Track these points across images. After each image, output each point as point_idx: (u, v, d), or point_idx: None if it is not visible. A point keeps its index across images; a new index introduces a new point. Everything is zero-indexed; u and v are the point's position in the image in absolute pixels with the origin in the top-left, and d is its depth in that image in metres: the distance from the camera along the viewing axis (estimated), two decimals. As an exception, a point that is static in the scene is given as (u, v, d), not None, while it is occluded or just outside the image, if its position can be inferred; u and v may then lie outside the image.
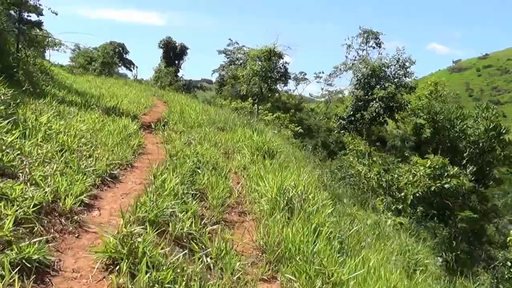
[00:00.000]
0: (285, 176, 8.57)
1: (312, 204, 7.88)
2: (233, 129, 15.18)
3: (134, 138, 10.79)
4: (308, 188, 8.44)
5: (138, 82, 44.73)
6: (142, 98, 21.78)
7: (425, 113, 32.12)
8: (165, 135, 12.34)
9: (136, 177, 8.26)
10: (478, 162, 28.05)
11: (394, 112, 34.72)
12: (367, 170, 22.23)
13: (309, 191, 8.39)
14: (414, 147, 33.64)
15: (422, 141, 33.01)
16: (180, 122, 15.01)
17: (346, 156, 26.86)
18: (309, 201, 7.96)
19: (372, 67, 36.09)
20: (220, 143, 12.83)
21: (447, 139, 30.63)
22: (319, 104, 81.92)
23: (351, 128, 35.81)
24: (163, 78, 54.79)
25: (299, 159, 16.19)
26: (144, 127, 13.56)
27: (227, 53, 72.58)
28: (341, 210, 10.70)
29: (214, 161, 9.77)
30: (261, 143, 11.87)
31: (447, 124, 30.36)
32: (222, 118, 17.28)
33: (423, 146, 32.03)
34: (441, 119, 30.68)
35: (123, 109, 15.83)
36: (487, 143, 28.39)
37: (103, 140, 9.47)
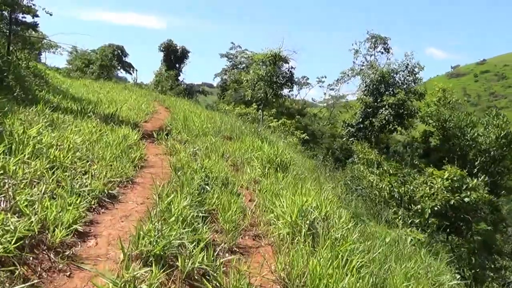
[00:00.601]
0: (303, 193, 7.63)
1: (337, 229, 6.95)
2: (240, 138, 14.27)
3: (135, 150, 9.88)
4: (330, 208, 7.49)
5: (138, 86, 43.73)
6: (143, 104, 20.82)
7: (434, 120, 31.11)
8: (168, 146, 11.43)
9: (137, 196, 7.34)
10: (489, 171, 27.12)
11: (404, 120, 33.72)
12: (378, 180, 21.32)
13: (331, 212, 7.46)
14: (423, 154, 32.56)
15: (431, 148, 31.99)
16: (184, 130, 14.09)
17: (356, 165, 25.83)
18: (333, 225, 7.03)
19: (381, 73, 35.13)
20: (228, 154, 11.92)
21: (457, 147, 29.62)
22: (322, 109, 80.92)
23: (359, 136, 34.75)
24: (164, 82, 53.77)
25: (310, 170, 15.27)
26: (146, 136, 12.63)
27: (230, 56, 71.81)
28: (363, 229, 9.76)
29: (224, 176, 8.83)
30: (273, 155, 10.92)
31: (458, 132, 29.37)
32: (228, 126, 16.37)
33: (432, 154, 30.97)
34: (451, 126, 29.73)
35: (122, 117, 14.91)
36: (498, 151, 27.47)
37: (100, 153, 8.54)
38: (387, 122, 33.01)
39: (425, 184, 18.80)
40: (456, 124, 29.48)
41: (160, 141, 12.25)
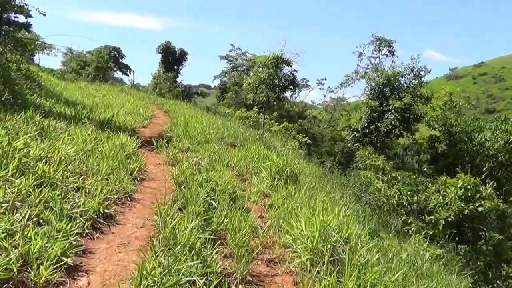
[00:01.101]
0: (321, 212, 6.80)
1: (360, 254, 6.14)
2: (245, 146, 13.45)
3: (133, 161, 9.03)
4: (351, 229, 6.67)
5: (135, 88, 42.87)
6: (141, 108, 19.95)
7: (440, 125, 30.25)
8: (169, 155, 10.59)
9: (137, 216, 6.52)
10: (497, 177, 26.30)
11: (410, 124, 32.80)
12: (386, 188, 20.45)
13: (352, 232, 6.64)
14: (431, 161, 31.63)
15: (439, 154, 31.09)
16: (185, 137, 13.23)
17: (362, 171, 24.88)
18: (356, 248, 6.21)
19: (387, 76, 34.26)
20: (233, 163, 11.10)
21: (464, 152, 28.79)
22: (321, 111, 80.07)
23: (365, 141, 33.83)
24: (162, 84, 52.93)
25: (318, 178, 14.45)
26: (144, 144, 11.78)
27: (229, 59, 71.15)
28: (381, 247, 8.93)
29: (231, 190, 8.01)
30: (282, 165, 10.07)
31: (465, 136, 28.54)
32: (231, 132, 15.57)
33: (440, 160, 30.08)
34: (457, 131, 28.91)
35: (119, 122, 14.05)
36: (505, 157, 26.68)
37: (95, 165, 7.70)
38: (393, 126, 32.13)
39: (437, 193, 17.87)
40: (463, 129, 28.70)
41: (160, 149, 11.43)
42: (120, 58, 64.54)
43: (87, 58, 48.50)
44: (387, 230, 13.45)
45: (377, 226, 12.72)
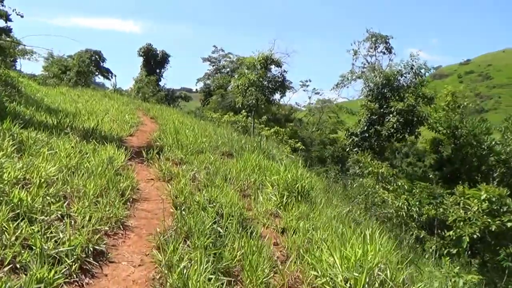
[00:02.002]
0: (348, 240, 5.79)
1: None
2: (242, 155, 12.37)
3: (123, 177, 7.93)
4: (392, 262, 5.65)
5: (118, 92, 41.62)
6: (126, 114, 18.79)
7: (444, 127, 28.82)
8: (162, 168, 9.51)
9: (133, 251, 5.48)
10: (509, 183, 25.09)
11: (414, 127, 31.32)
12: (393, 198, 19.34)
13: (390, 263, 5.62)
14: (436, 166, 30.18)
15: (444, 159, 29.72)
16: (176, 147, 12.12)
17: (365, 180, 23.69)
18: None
19: (386, 75, 32.80)
20: (231, 176, 10.08)
21: (473, 157, 27.49)
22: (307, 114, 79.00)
23: (365, 146, 32.36)
24: (145, 88, 51.81)
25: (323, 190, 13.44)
26: (133, 155, 10.69)
27: (212, 60, 70.39)
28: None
29: (237, 212, 6.99)
30: (292, 179, 9.01)
31: (473, 140, 27.18)
32: (225, 140, 14.50)
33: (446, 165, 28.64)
34: (464, 134, 27.55)
35: (105, 131, 12.93)
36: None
37: (81, 186, 6.63)
38: (395, 130, 30.73)
39: (456, 205, 16.50)
40: (470, 132, 27.34)
41: (151, 162, 10.38)
42: (101, 62, 63.58)
43: (68, 63, 47.39)
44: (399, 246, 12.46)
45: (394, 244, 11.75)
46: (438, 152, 30.52)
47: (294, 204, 8.24)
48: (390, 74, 32.97)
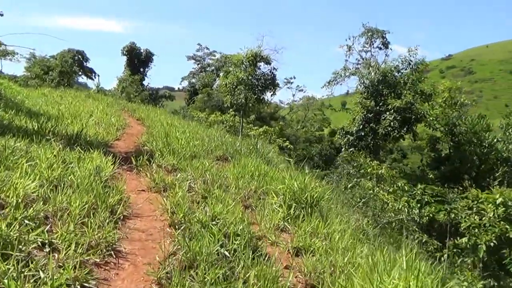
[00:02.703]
0: (383, 270, 4.97)
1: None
2: (238, 160, 11.53)
3: (112, 191, 7.04)
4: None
5: (102, 92, 40.59)
6: (112, 116, 17.81)
7: (442, 125, 28.05)
8: (154, 177, 8.63)
9: (129, 285, 4.60)
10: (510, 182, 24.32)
11: (412, 125, 30.40)
12: (393, 200, 18.55)
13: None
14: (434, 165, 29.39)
15: (443, 157, 28.97)
16: (167, 151, 11.24)
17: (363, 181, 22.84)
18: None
19: (383, 71, 31.79)
20: (228, 183, 9.25)
21: (473, 155, 26.74)
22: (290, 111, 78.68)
23: (361, 145, 31.37)
24: (129, 88, 50.82)
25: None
26: (121, 162, 9.78)
27: (197, 59, 69.67)
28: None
29: (245, 231, 6.15)
30: (299, 188, 8.14)
31: (473, 137, 26.44)
32: (218, 143, 13.63)
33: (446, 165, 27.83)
34: (462, 131, 26.81)
35: (90, 136, 11.95)
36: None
37: (65, 203, 5.76)
38: (392, 128, 29.77)
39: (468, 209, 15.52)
40: (469, 129, 26.57)
41: (141, 169, 9.50)
42: (84, 61, 63.02)
43: (50, 63, 46.45)
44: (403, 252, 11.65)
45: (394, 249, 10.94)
46: (436, 150, 29.81)
47: (304, 217, 7.43)
48: (387, 70, 32.03)
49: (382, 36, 37.83)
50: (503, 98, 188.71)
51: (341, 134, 33.89)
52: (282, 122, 65.40)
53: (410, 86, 31.74)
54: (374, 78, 31.69)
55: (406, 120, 29.89)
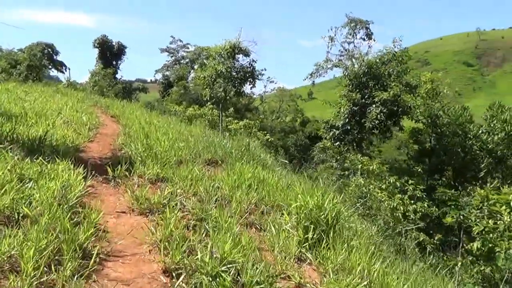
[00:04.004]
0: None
1: None
2: (231, 164, 9.90)
3: (85, 220, 5.35)
4: None
5: (72, 87, 38.57)
6: (83, 114, 15.90)
7: (424, 116, 27.10)
8: (135, 194, 6.95)
9: None
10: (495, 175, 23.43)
11: (399, 118, 29.15)
12: (387, 197, 17.30)
13: None
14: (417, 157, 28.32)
15: (426, 150, 27.94)
16: (149, 156, 9.53)
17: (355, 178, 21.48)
18: None
19: (368, 63, 30.46)
20: (224, 195, 7.66)
21: (458, 147, 25.85)
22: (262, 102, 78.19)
23: (348, 140, 29.98)
24: (101, 81, 49.06)
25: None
26: (95, 172, 8.07)
27: (170, 51, 68.62)
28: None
29: (263, 273, 4.56)
30: (314, 206, 6.49)
31: (457, 129, 25.57)
32: (205, 143, 11.96)
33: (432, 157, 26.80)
34: (445, 123, 25.92)
35: (57, 139, 10.10)
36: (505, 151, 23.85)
37: (16, 253, 4.09)
38: (379, 122, 28.43)
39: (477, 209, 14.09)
40: (453, 121, 25.65)
41: (119, 180, 7.84)
42: (54, 55, 61.68)
43: (18, 57, 44.71)
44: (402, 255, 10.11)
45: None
46: (420, 143, 28.84)
47: (325, 242, 5.87)
48: (373, 62, 30.69)
49: (366, 27, 36.54)
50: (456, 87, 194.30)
51: (325, 128, 32.25)
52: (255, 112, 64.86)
53: (395, 78, 30.59)
54: (359, 70, 30.29)
55: (392, 113, 28.59)
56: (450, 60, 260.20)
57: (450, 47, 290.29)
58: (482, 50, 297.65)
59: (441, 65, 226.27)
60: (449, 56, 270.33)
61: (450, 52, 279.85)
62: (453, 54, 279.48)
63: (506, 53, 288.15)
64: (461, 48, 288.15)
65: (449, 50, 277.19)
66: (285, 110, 74.89)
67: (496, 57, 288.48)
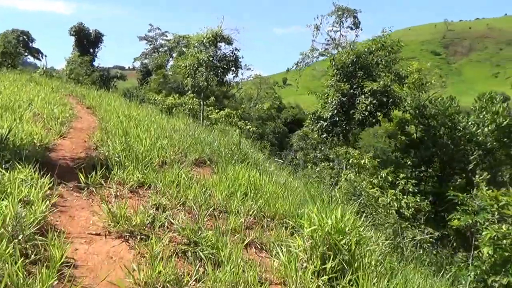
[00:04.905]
0: None
1: None
2: (224, 167, 8.73)
3: (46, 249, 4.16)
4: None
5: (48, 75, 37.04)
6: (56, 105, 14.46)
7: (412, 107, 26.29)
8: (114, 206, 5.73)
9: None
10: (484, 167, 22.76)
11: (389, 109, 28.09)
12: (380, 193, 16.40)
13: None
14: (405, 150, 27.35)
15: (414, 141, 27.04)
16: (128, 157, 8.28)
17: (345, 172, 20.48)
18: None
19: (357, 53, 29.33)
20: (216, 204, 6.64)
21: (448, 139, 25.09)
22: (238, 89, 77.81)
23: (336, 132, 28.86)
24: (78, 69, 47.76)
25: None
26: (65, 178, 6.85)
27: (149, 39, 67.88)
28: None
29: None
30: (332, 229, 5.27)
31: (447, 120, 24.80)
32: (191, 140, 10.77)
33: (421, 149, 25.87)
34: (433, 114, 25.15)
35: (21, 138, 8.74)
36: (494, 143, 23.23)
37: None
38: (369, 113, 27.36)
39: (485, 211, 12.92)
40: (442, 111, 24.84)
41: (93, 189, 6.62)
42: (30, 42, 60.56)
43: (-9, 44, 43.32)
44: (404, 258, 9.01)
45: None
46: (406, 134, 28.02)
47: (347, 274, 4.75)
48: (362, 52, 29.62)
49: (354, 16, 35.51)
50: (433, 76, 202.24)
51: (312, 119, 30.95)
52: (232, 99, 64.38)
53: (383, 68, 29.62)
54: (347, 59, 29.17)
55: (382, 104, 27.51)
56: (418, 49, 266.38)
57: (418, 37, 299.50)
58: (449, 40, 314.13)
59: (409, 54, 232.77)
60: (417, 46, 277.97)
61: (418, 42, 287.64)
62: (420, 43, 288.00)
63: (472, 42, 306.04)
64: (429, 38, 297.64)
65: (417, 40, 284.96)
66: (263, 98, 74.60)
67: (463, 47, 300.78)
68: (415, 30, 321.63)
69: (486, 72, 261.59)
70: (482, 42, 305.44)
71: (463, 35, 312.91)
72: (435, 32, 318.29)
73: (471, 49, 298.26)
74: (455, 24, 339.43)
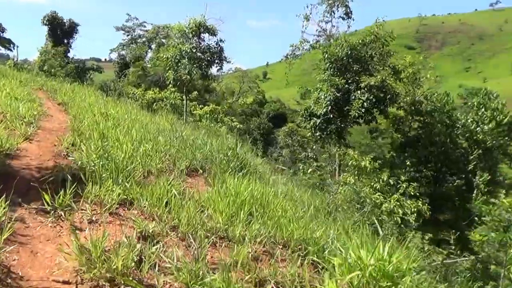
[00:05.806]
0: None
1: None
2: (221, 179, 7.38)
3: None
4: None
5: (18, 67, 35.21)
6: (23, 102, 12.85)
7: (407, 104, 25.22)
8: (89, 249, 4.34)
9: None
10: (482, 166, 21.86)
11: (386, 106, 26.72)
12: (382, 199, 15.25)
13: None
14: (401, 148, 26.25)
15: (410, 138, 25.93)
16: (106, 166, 6.85)
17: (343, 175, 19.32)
18: None
19: (352, 45, 27.87)
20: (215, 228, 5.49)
21: (447, 137, 24.08)
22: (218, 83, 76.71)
23: (330, 129, 27.38)
24: (51, 60, 45.93)
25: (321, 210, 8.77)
26: (26, 194, 5.48)
27: (126, 30, 66.05)
28: None
29: None
30: (379, 273, 3.99)
31: (445, 117, 23.82)
32: (179, 144, 9.39)
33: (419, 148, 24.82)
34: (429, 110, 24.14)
35: None
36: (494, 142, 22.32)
37: None
38: (366, 110, 25.91)
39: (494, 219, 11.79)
40: (438, 108, 23.81)
41: (62, 213, 5.24)
42: (0, 32, 58.36)
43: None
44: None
45: None
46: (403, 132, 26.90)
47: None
48: (357, 44, 28.15)
49: (346, 5, 33.90)
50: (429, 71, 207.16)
51: (305, 116, 29.32)
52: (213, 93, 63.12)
53: (378, 61, 28.31)
54: (341, 51, 27.65)
55: (379, 100, 26.10)
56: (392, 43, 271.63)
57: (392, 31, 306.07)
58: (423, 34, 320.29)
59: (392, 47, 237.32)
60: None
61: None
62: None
63: (445, 37, 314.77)
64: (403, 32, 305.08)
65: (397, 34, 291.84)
66: (245, 92, 73.30)
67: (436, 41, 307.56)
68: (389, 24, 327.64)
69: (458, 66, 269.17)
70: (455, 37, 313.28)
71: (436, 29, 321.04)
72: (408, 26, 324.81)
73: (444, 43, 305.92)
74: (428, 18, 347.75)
